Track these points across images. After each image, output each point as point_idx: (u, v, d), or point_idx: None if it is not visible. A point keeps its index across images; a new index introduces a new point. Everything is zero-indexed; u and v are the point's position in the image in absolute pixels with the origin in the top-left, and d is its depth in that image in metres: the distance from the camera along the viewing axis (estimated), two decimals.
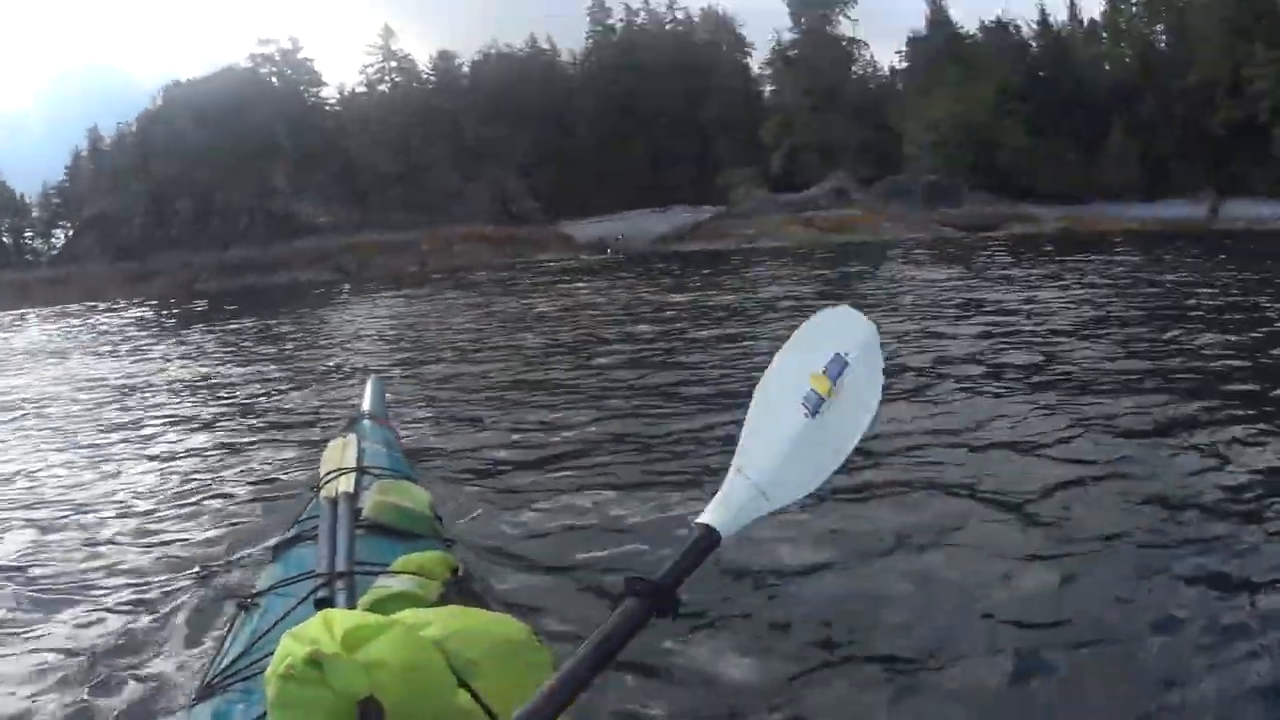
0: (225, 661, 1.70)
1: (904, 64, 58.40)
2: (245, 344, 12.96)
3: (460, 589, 1.44)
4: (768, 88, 59.74)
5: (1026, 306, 10.94)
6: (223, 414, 7.36)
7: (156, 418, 7.35)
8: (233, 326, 16.45)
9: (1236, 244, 27.87)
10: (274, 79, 51.66)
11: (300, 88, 52.41)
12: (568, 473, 4.64)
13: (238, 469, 5.30)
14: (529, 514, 3.93)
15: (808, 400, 1.28)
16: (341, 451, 2.57)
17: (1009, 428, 4.98)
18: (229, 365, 10.49)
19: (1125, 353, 7.34)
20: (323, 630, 1.00)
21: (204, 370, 10.20)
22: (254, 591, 1.99)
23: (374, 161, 48.41)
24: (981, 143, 47.65)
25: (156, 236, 43.35)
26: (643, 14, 63.71)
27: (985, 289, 13.60)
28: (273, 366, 10.08)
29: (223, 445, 6.08)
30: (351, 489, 2.19)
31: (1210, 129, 45.75)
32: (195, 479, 5.13)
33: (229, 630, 1.94)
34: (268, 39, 51.92)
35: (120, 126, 53.51)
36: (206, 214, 43.81)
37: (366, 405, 3.53)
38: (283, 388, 8.51)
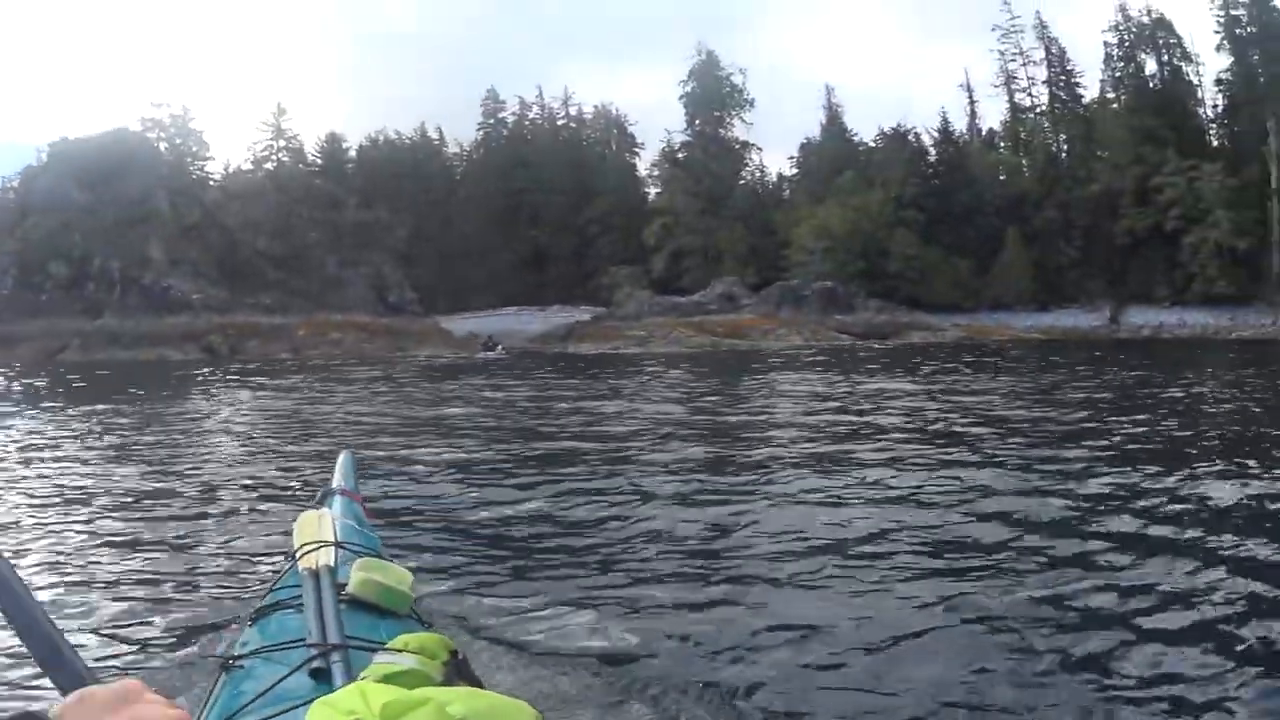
0: None
1: (795, 169, 57.20)
2: (130, 428, 12.30)
3: (460, 671, 1.45)
4: (653, 189, 57.95)
5: (983, 416, 10.95)
6: (132, 491, 7.18)
7: (63, 492, 7.17)
8: (112, 407, 14.93)
9: (1138, 350, 28.36)
10: (162, 144, 48.93)
11: (187, 158, 49.79)
12: (525, 556, 5.00)
13: (168, 542, 5.37)
14: (493, 596, 4.15)
15: None
16: (317, 524, 2.49)
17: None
18: (119, 447, 10.14)
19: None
20: (360, 701, 1.06)
21: (90, 452, 9.78)
22: (237, 654, 2.03)
23: (253, 241, 45.25)
24: (874, 250, 45.94)
25: (26, 300, 39.72)
26: (535, 108, 62.00)
27: (918, 398, 13.76)
28: (165, 450, 9.86)
29: (150, 519, 6.05)
30: (332, 562, 2.21)
31: (1113, 237, 44.71)
32: (134, 549, 5.20)
33: (211, 690, 1.96)
34: (160, 102, 49.42)
35: (3, 182, 49.51)
36: (80, 279, 40.72)
37: (337, 480, 3.37)
38: (179, 467, 8.37)
